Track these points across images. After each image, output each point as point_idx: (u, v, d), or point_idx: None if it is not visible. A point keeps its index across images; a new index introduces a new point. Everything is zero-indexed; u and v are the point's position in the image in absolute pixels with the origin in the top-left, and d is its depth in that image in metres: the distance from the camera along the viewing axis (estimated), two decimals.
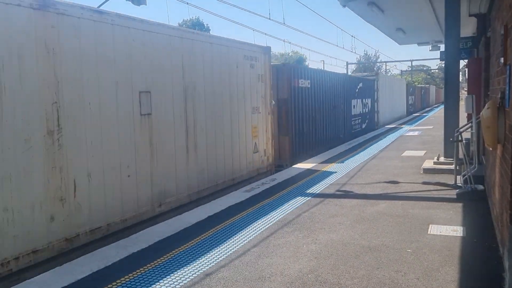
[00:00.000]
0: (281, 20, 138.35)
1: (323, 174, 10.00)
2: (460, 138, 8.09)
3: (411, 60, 71.58)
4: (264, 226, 6.15)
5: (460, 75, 14.13)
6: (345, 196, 7.83)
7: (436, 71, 76.95)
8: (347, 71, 48.88)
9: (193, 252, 5.23)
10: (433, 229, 5.76)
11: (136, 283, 4.38)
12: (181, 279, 4.45)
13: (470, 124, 8.15)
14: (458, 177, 8.31)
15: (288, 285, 4.25)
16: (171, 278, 4.50)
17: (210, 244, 5.47)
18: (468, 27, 15.07)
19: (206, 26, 54.92)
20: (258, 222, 6.38)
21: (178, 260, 4.97)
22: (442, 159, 10.13)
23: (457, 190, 7.53)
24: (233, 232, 5.95)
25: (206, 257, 5.05)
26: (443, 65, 11.55)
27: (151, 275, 4.58)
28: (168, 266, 4.82)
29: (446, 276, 4.31)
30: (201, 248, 5.34)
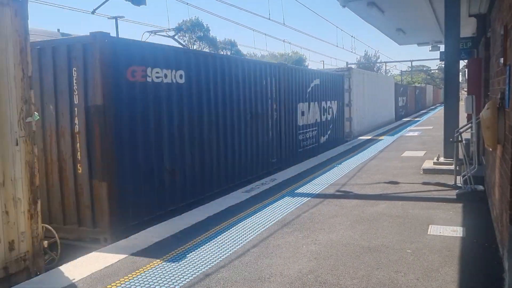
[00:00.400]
0: (281, 20, 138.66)
1: None
2: (460, 139, 8.10)
3: (411, 61, 71.70)
4: (264, 227, 6.15)
5: (460, 76, 14.15)
6: (345, 197, 7.83)
7: (436, 71, 76.97)
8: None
9: (192, 252, 5.23)
10: (433, 229, 5.76)
11: (135, 283, 4.39)
12: (180, 279, 4.45)
13: (470, 125, 8.15)
14: (458, 177, 8.31)
15: (288, 285, 4.25)
16: (170, 278, 4.50)
17: (210, 245, 5.47)
18: (468, 27, 15.07)
19: (206, 26, 54.97)
20: (257, 222, 6.37)
21: (177, 261, 4.97)
22: (442, 159, 10.13)
23: (457, 191, 7.53)
24: (232, 232, 5.95)
25: (205, 257, 5.05)
26: (443, 65, 11.55)
27: (151, 275, 4.58)
28: (168, 266, 4.82)
29: (446, 276, 4.30)
30: (200, 249, 5.34)
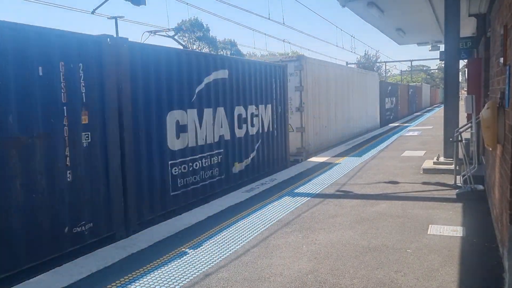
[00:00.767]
0: (280, 20, 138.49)
1: None
2: (460, 138, 8.10)
3: (411, 60, 71.25)
4: (264, 226, 6.15)
5: (460, 75, 14.14)
6: (345, 196, 7.83)
7: (436, 71, 76.90)
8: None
9: (192, 252, 5.23)
10: (433, 229, 5.76)
11: (135, 283, 4.39)
12: (180, 280, 4.45)
13: (470, 124, 8.15)
14: (458, 177, 8.31)
15: (288, 285, 4.25)
16: (170, 278, 4.50)
17: (210, 244, 5.47)
18: (468, 27, 15.07)
19: (206, 26, 54.95)
20: (257, 222, 6.37)
21: (178, 261, 4.97)
22: (442, 159, 10.13)
23: (457, 190, 7.53)
24: (232, 232, 5.95)
25: (205, 257, 5.05)
26: (443, 65, 11.54)
27: (151, 275, 4.58)
28: (168, 266, 4.82)
29: (446, 276, 4.31)
30: (200, 248, 5.34)
